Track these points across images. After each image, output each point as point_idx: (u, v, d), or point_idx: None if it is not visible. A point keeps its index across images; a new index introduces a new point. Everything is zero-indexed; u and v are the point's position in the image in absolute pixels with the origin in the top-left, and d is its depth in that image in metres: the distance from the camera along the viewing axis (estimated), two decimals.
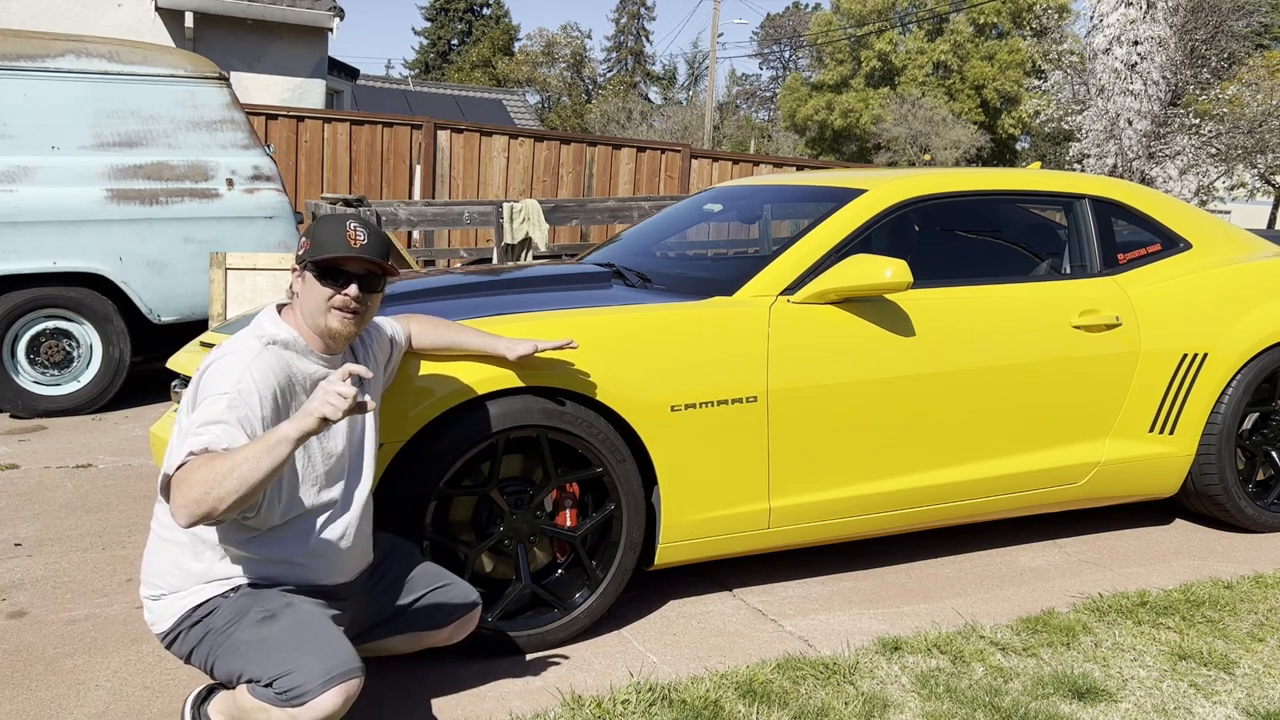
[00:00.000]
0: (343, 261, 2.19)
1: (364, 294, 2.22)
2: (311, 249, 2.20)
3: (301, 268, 2.23)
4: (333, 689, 1.96)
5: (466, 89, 27.54)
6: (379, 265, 2.23)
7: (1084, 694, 2.65)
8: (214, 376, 2.09)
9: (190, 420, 2.05)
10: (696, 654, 2.87)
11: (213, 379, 2.09)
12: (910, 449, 3.30)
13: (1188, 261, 3.94)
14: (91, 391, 5.59)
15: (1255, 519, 3.97)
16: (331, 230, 2.19)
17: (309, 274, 2.21)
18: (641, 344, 2.91)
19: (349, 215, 2.26)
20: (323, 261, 2.18)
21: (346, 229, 2.19)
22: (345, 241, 2.17)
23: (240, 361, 2.11)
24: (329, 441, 2.26)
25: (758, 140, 47.94)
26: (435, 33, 51.62)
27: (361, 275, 2.21)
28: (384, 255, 2.24)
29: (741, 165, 11.70)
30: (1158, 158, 14.15)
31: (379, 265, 2.23)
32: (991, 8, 39.79)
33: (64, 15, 10.55)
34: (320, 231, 2.21)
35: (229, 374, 2.08)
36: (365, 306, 2.23)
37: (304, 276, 2.23)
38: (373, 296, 2.25)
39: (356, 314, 2.22)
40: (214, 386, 2.07)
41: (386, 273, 2.26)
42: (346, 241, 2.17)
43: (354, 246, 2.18)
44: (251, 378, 2.09)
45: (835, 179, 3.84)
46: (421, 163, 10.03)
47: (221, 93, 5.82)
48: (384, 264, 2.23)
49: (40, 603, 3.09)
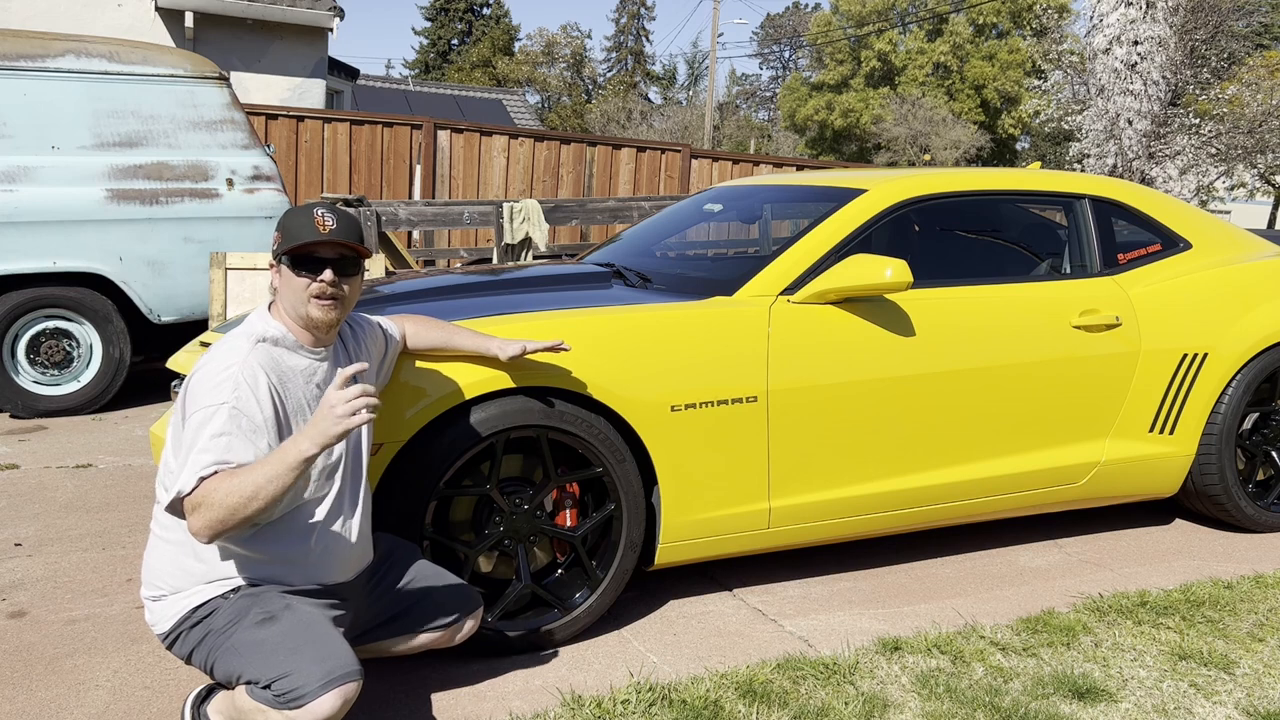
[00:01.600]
0: (313, 248, 2.19)
1: (340, 278, 2.21)
2: (282, 241, 2.20)
3: (277, 262, 2.23)
4: (331, 692, 1.96)
5: (466, 89, 27.54)
6: (351, 248, 2.22)
7: (1084, 694, 2.65)
8: (206, 384, 2.08)
9: (191, 433, 2.04)
10: (696, 654, 2.87)
11: (205, 386, 2.08)
12: (910, 449, 3.30)
13: (1188, 261, 3.94)
14: (91, 391, 5.59)
15: (1255, 519, 3.97)
16: (299, 220, 2.19)
17: (284, 266, 2.21)
18: (641, 344, 2.91)
19: (316, 203, 2.25)
20: (294, 250, 2.18)
21: (314, 216, 2.18)
22: (313, 228, 2.17)
23: (231, 367, 2.10)
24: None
25: (758, 140, 47.93)
26: (435, 33, 51.61)
27: (335, 259, 2.21)
28: (356, 237, 2.23)
29: (741, 165, 11.70)
30: (1158, 158, 14.15)
31: (351, 248, 2.22)
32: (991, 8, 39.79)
33: (64, 15, 10.55)
34: (289, 222, 2.20)
35: (223, 382, 2.07)
36: (343, 291, 2.22)
37: (280, 270, 2.23)
38: (350, 280, 2.24)
39: (335, 299, 2.21)
40: (209, 396, 2.06)
41: (360, 254, 2.25)
42: (315, 227, 2.17)
43: (322, 232, 2.17)
44: (246, 383, 2.08)
45: (835, 179, 3.84)
46: (421, 163, 10.03)
47: (221, 93, 5.82)
48: (356, 246, 2.22)
49: (40, 603, 3.09)
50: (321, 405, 2.00)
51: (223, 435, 2.01)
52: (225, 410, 2.03)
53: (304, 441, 1.97)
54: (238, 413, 2.04)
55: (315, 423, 1.99)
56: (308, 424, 2.01)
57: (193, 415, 2.06)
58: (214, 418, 2.03)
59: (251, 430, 2.05)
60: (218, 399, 2.05)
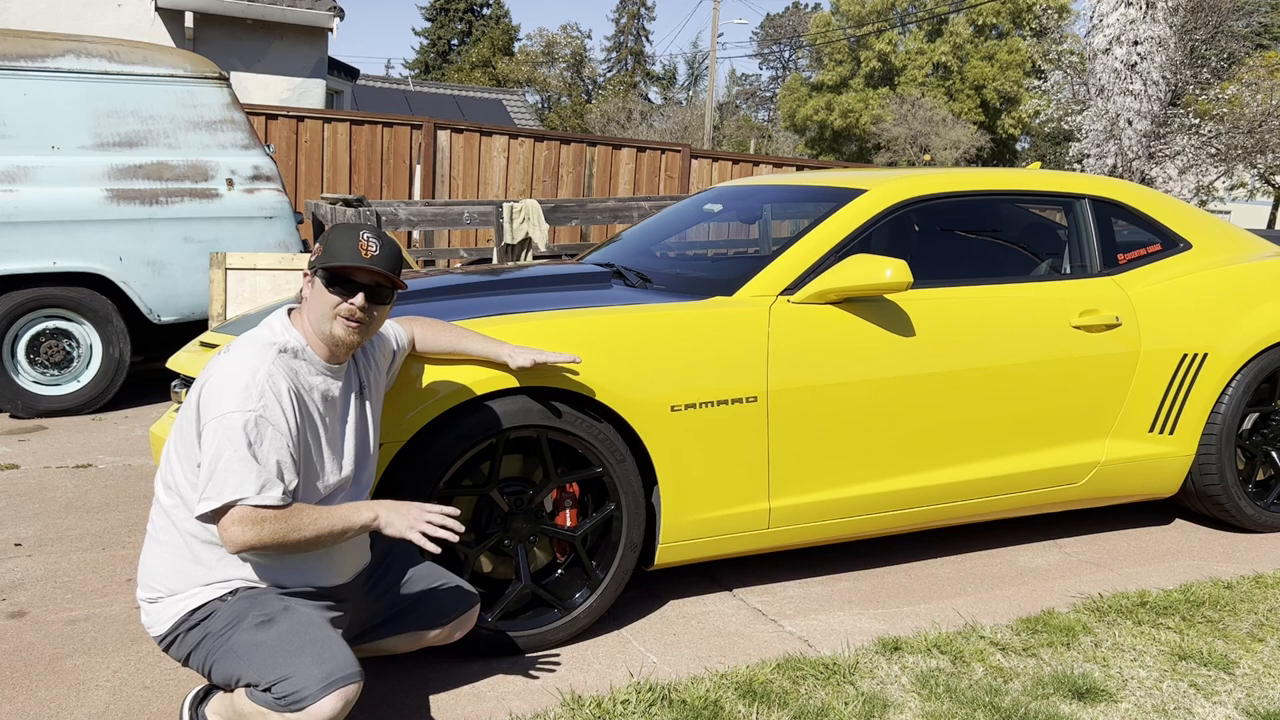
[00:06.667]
0: (352, 271, 2.19)
1: (370, 305, 2.22)
2: (323, 255, 2.20)
3: (312, 273, 2.23)
4: (331, 694, 1.96)
5: (466, 89, 27.53)
6: (388, 279, 2.23)
7: (1084, 694, 2.65)
8: (230, 389, 2.07)
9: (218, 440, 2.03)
10: (696, 654, 2.87)
11: (229, 391, 2.06)
12: (910, 449, 3.30)
13: (1188, 261, 3.94)
14: (91, 391, 5.59)
15: (1255, 519, 3.97)
16: (345, 239, 2.19)
17: (318, 280, 2.21)
18: (641, 344, 2.91)
19: (364, 225, 2.25)
20: (333, 269, 2.18)
21: (360, 239, 2.19)
22: (357, 251, 2.17)
23: (258, 374, 2.09)
24: (335, 445, 2.26)
25: (758, 140, 47.92)
26: (435, 33, 51.61)
27: (370, 286, 2.21)
28: (395, 269, 2.23)
29: (741, 165, 11.70)
30: (1158, 158, 14.15)
31: (388, 279, 2.23)
32: (991, 8, 39.79)
33: (64, 15, 10.55)
34: (334, 239, 2.21)
35: (249, 388, 2.07)
36: (371, 318, 2.23)
37: (313, 282, 2.23)
38: (379, 308, 2.25)
39: (361, 324, 2.21)
40: (233, 401, 2.05)
41: (396, 286, 2.26)
42: (358, 251, 2.17)
43: (365, 257, 2.17)
44: (271, 392, 2.09)
45: (835, 179, 3.84)
46: (421, 163, 10.03)
47: (221, 93, 5.82)
48: (393, 278, 2.23)
49: (40, 603, 3.09)
50: (415, 508, 2.17)
51: (261, 445, 2.04)
52: (253, 418, 2.04)
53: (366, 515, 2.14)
54: (265, 421, 2.05)
55: (400, 511, 2.16)
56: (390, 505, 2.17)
57: (216, 420, 2.04)
58: (247, 426, 2.03)
59: (282, 440, 2.07)
60: (245, 405, 2.05)
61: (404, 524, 2.14)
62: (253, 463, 2.02)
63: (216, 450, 2.03)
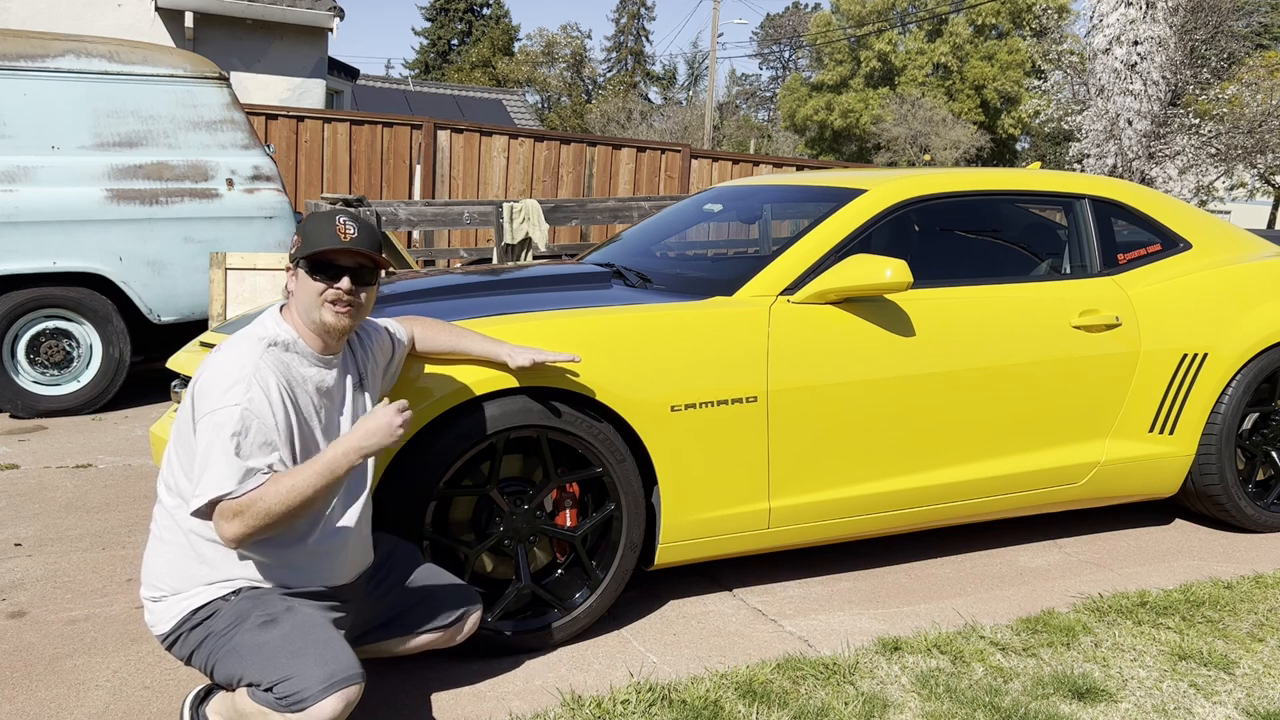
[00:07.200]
0: (333, 255, 2.19)
1: (356, 287, 2.22)
2: (302, 245, 2.20)
3: (294, 265, 2.23)
4: (333, 695, 1.96)
5: (466, 89, 27.53)
6: (370, 258, 2.23)
7: (1084, 694, 2.65)
8: (218, 385, 2.08)
9: (208, 435, 2.03)
10: (696, 654, 2.87)
11: (218, 388, 2.07)
12: (910, 449, 3.30)
13: (1188, 261, 3.94)
14: (91, 391, 5.59)
15: (1255, 519, 3.97)
16: (321, 225, 2.20)
17: (301, 270, 2.21)
18: (641, 344, 2.91)
19: (338, 210, 2.26)
20: (313, 256, 2.19)
21: (336, 223, 2.19)
22: (335, 235, 2.18)
23: (245, 369, 2.10)
24: (333, 436, 2.26)
25: (758, 140, 47.93)
26: (435, 33, 51.61)
27: (353, 268, 2.21)
28: (375, 247, 2.24)
29: (741, 165, 11.70)
30: (1158, 158, 14.15)
31: (370, 258, 2.23)
32: (991, 8, 39.79)
33: (64, 15, 10.55)
34: (310, 227, 2.21)
35: (235, 383, 2.07)
36: (359, 300, 2.23)
37: (297, 274, 2.23)
38: (366, 290, 2.25)
39: (351, 307, 2.21)
40: (221, 398, 2.06)
41: (379, 265, 2.26)
42: (336, 235, 2.18)
43: (344, 240, 2.18)
44: (258, 385, 2.09)
45: (835, 179, 3.84)
46: (421, 163, 10.03)
47: (221, 93, 5.82)
48: (375, 256, 2.23)
49: (40, 603, 3.09)
50: (374, 418, 2.09)
51: (245, 438, 2.02)
52: (238, 412, 2.04)
53: (352, 453, 2.07)
54: (250, 414, 2.05)
55: (367, 434, 2.07)
56: (351, 435, 2.08)
57: (205, 417, 2.05)
58: (231, 421, 2.03)
59: (268, 432, 2.06)
60: (231, 400, 2.05)
61: (384, 436, 2.08)
62: (235, 458, 2.02)
63: (206, 448, 2.03)
